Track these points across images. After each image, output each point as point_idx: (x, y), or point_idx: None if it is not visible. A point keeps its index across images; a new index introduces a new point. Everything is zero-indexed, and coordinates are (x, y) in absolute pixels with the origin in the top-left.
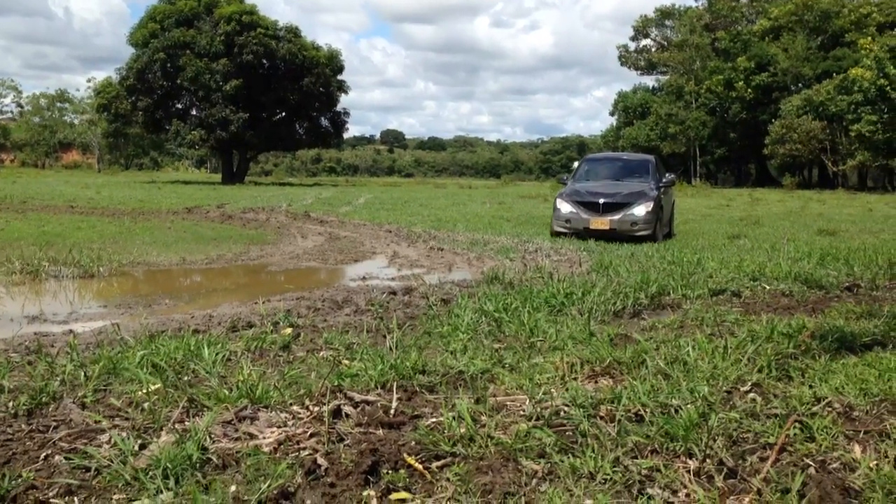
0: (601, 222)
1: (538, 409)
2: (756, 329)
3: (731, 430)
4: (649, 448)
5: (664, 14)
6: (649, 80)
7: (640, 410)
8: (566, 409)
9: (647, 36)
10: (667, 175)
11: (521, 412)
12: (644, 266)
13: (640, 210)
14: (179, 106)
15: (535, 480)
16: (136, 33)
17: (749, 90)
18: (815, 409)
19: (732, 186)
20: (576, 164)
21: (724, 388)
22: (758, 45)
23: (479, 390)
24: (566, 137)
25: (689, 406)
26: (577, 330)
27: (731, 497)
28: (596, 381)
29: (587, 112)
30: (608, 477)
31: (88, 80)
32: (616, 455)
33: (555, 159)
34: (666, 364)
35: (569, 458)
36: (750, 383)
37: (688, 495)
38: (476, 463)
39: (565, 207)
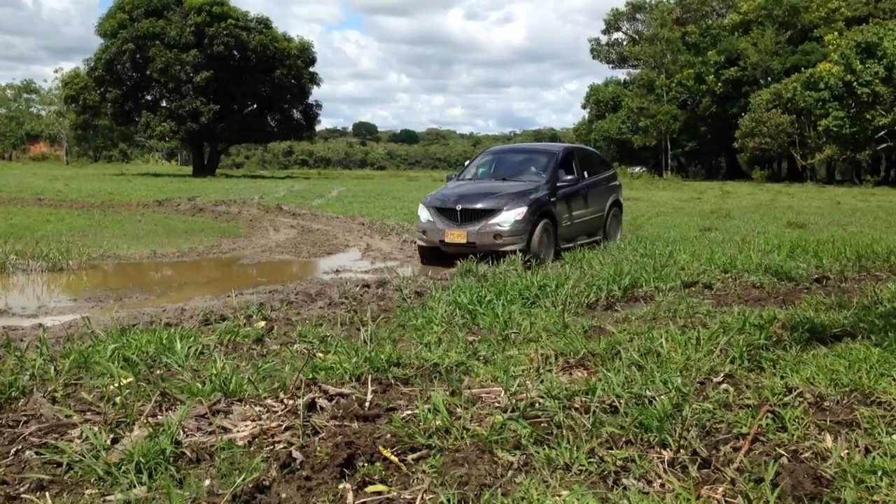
0: (457, 234)
1: (513, 401)
2: (728, 320)
3: (705, 420)
4: (624, 439)
5: (635, 8)
6: (621, 74)
7: (614, 402)
8: (541, 400)
9: (618, 29)
10: (588, 171)
11: (497, 404)
12: (617, 259)
13: (507, 218)
14: (149, 97)
15: (510, 472)
16: (105, 23)
17: (719, 84)
18: (786, 399)
19: (703, 179)
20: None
21: (698, 379)
22: (727, 40)
23: (454, 382)
24: (539, 130)
25: (662, 397)
26: (551, 322)
27: (706, 487)
28: (570, 373)
29: (560, 105)
30: (584, 468)
31: (56, 71)
32: (591, 446)
33: None
34: (639, 355)
35: (544, 449)
36: (722, 374)
37: (662, 485)
38: (452, 455)
39: (424, 216)
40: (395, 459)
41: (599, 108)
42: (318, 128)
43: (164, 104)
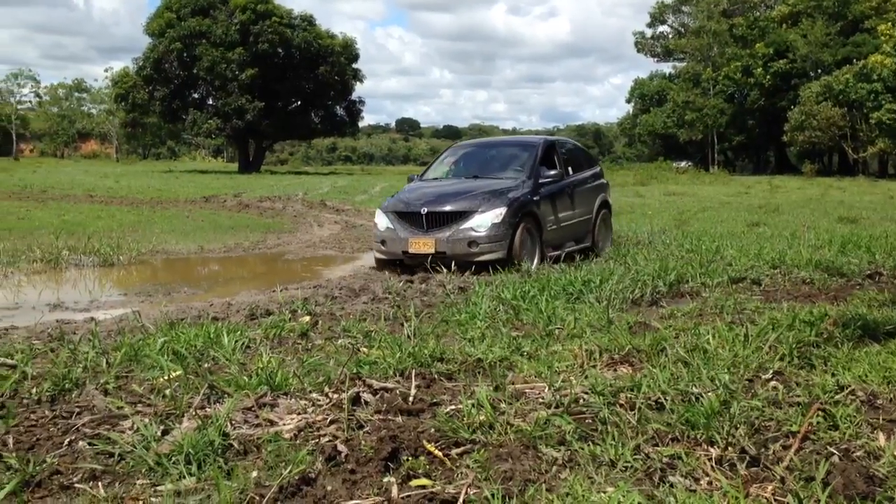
0: (424, 243)
1: (557, 397)
2: (777, 317)
3: (753, 418)
4: (670, 436)
5: (681, 0)
6: (666, 67)
7: (660, 398)
8: (585, 396)
9: (664, 22)
10: (572, 167)
11: (541, 400)
12: (662, 254)
13: (483, 221)
14: (196, 95)
15: (555, 467)
16: (153, 23)
17: (767, 77)
18: (838, 397)
19: (751, 174)
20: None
21: (746, 377)
22: (776, 32)
23: (498, 378)
24: (582, 125)
25: (709, 394)
26: (595, 318)
27: (755, 485)
28: (615, 369)
29: (604, 100)
30: (629, 464)
31: (106, 70)
32: (637, 443)
33: None
34: (686, 352)
35: (589, 445)
36: (772, 371)
37: (710, 483)
38: (496, 450)
39: (382, 223)
40: (439, 454)
41: (644, 103)
42: (361, 124)
43: (210, 102)
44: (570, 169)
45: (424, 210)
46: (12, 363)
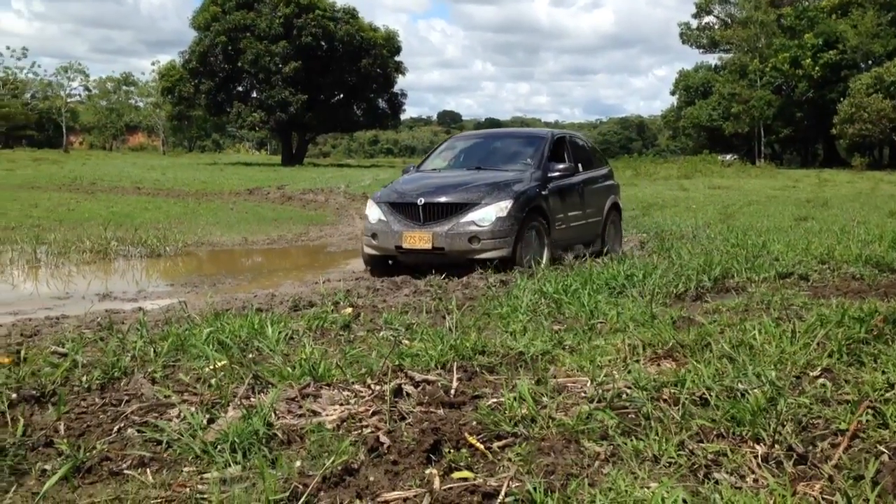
0: (419, 237)
1: (600, 391)
2: (826, 313)
3: (801, 415)
4: (715, 432)
5: None
6: (712, 59)
7: (704, 394)
8: (628, 391)
9: (709, 13)
10: (582, 165)
11: (583, 394)
12: (707, 249)
13: (486, 214)
14: (240, 88)
15: (597, 462)
16: (199, 16)
17: (816, 68)
18: (888, 395)
19: (799, 167)
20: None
21: (793, 373)
22: (825, 22)
23: (540, 371)
24: (626, 118)
25: (756, 390)
26: (638, 312)
27: (802, 483)
28: (658, 364)
29: (648, 92)
30: (673, 460)
31: (153, 64)
32: (681, 438)
33: (614, 140)
34: (731, 348)
35: (632, 440)
36: (820, 368)
37: (756, 480)
38: (537, 443)
39: (374, 215)
40: (481, 447)
41: (689, 95)
42: (403, 117)
43: (254, 95)
44: (580, 166)
45: (421, 201)
46: (63, 351)
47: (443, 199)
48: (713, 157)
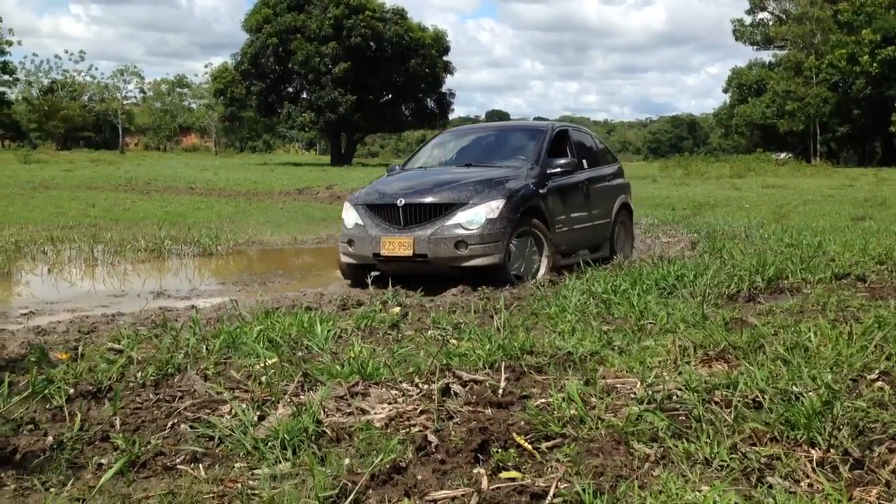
0: (399, 243)
1: (649, 393)
2: (884, 315)
3: (857, 419)
4: (768, 436)
5: None
6: (766, 56)
7: (757, 397)
8: (679, 393)
9: (764, 9)
10: (588, 161)
11: (632, 395)
12: (760, 249)
13: (474, 216)
14: (291, 89)
15: (647, 464)
16: (251, 19)
17: (874, 64)
18: None
19: (856, 166)
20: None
21: (850, 376)
22: (884, 17)
23: (589, 372)
24: (677, 116)
25: (811, 393)
26: (689, 313)
27: (858, 488)
28: (710, 366)
29: (700, 90)
30: (725, 463)
31: (206, 66)
32: (733, 442)
33: (664, 139)
34: (785, 350)
35: (683, 442)
36: (878, 371)
37: (810, 485)
38: (586, 444)
39: (350, 219)
40: (529, 447)
41: (742, 92)
42: (451, 116)
43: (304, 96)
44: (584, 162)
45: (401, 202)
46: (119, 348)
47: (426, 200)
48: (767, 156)
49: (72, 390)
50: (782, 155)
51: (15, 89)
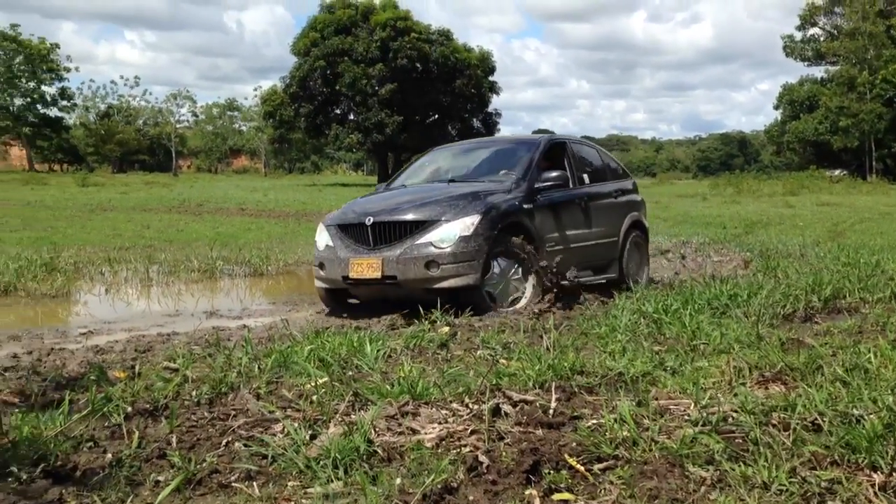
0: (367, 264)
1: (704, 415)
2: None
3: None
4: (829, 459)
5: (834, 1)
6: (817, 72)
7: (816, 419)
8: (735, 415)
9: (814, 25)
10: (590, 176)
11: (686, 417)
12: (816, 268)
13: (447, 234)
14: (338, 111)
15: (703, 488)
16: (299, 42)
17: None
18: None
19: None
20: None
21: None
22: None
23: (641, 393)
24: (726, 134)
25: (872, 416)
26: (743, 333)
27: None
28: (766, 388)
29: (750, 107)
30: (784, 488)
31: (255, 89)
32: (792, 465)
33: (714, 156)
34: (844, 371)
35: (740, 466)
36: None
37: None
38: (640, 467)
39: (322, 240)
40: (581, 468)
41: (793, 109)
42: (497, 136)
43: (351, 117)
44: (585, 177)
45: (370, 220)
46: (175, 367)
47: (395, 218)
48: (820, 173)
49: (129, 408)
50: (836, 172)
51: (73, 114)
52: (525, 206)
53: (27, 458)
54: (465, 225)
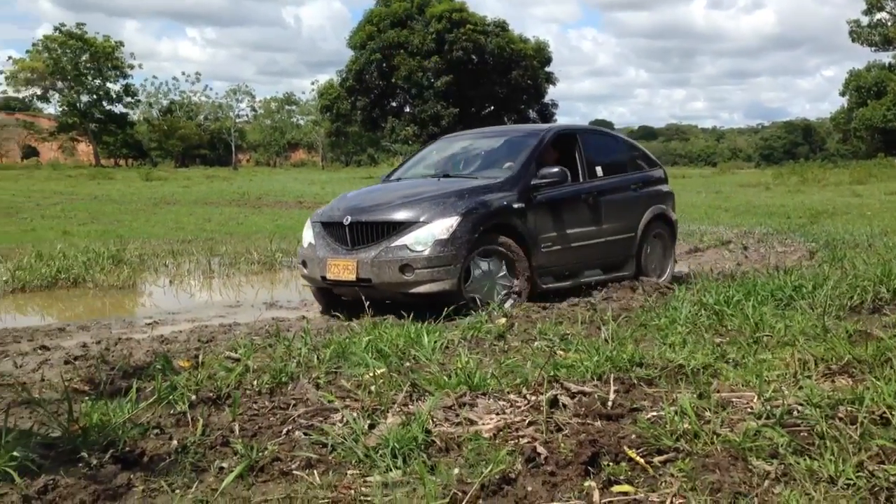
0: (344, 265)
1: (768, 408)
2: None
3: None
4: None
5: None
6: (885, 57)
7: (885, 413)
8: (800, 408)
9: (882, 9)
10: (604, 168)
11: (749, 410)
12: (884, 258)
13: (423, 236)
14: (394, 104)
15: (767, 482)
16: (355, 36)
17: None
18: None
19: None
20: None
21: None
22: None
23: (702, 385)
24: (790, 122)
25: None
26: (808, 325)
27: None
28: (832, 380)
29: (815, 93)
30: (851, 482)
31: (312, 83)
32: (860, 459)
33: (777, 145)
34: None
35: (805, 460)
36: None
37: None
38: (701, 460)
39: (307, 237)
40: (641, 461)
41: (860, 95)
42: None
43: (407, 110)
44: (598, 169)
45: (347, 220)
46: (236, 357)
47: (373, 218)
48: (889, 161)
49: (193, 397)
50: None
51: (137, 111)
52: (516, 205)
53: (97, 443)
54: (442, 227)
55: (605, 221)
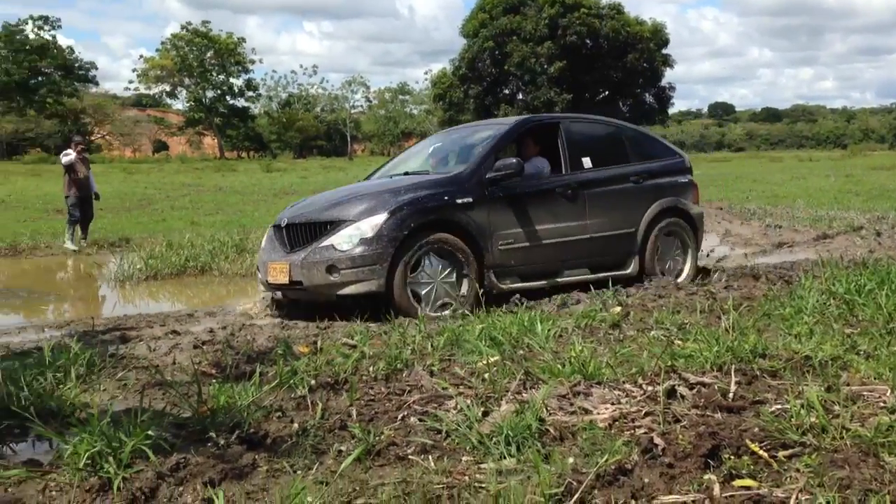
0: (279, 268)
1: None
2: None
3: None
4: None
5: None
6: None
7: None
8: None
9: None
10: (597, 158)
11: (882, 404)
12: None
13: (348, 235)
14: (507, 91)
15: None
16: (468, 24)
17: None
18: None
19: None
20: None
21: None
22: None
23: (830, 378)
24: None
25: None
26: None
27: None
28: None
29: None
30: None
31: (426, 73)
32: None
33: None
34: None
35: None
36: None
37: None
38: (829, 455)
39: (264, 240)
40: (765, 455)
41: None
42: (671, 111)
43: (520, 97)
44: (585, 161)
45: (284, 222)
46: (353, 343)
47: (308, 219)
48: None
49: (313, 381)
50: None
51: (258, 104)
52: (461, 200)
53: (224, 424)
54: (369, 226)
55: (591, 216)
